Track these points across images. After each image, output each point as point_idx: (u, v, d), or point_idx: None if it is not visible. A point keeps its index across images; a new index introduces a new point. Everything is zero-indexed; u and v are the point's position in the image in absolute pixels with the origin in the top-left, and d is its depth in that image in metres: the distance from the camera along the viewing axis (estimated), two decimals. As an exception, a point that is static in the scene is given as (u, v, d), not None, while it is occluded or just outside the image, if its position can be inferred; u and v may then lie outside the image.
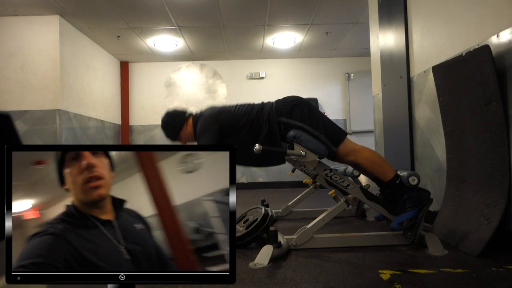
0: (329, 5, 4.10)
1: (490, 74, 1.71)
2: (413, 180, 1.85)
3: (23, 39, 4.15)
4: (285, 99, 2.06)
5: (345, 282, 1.41)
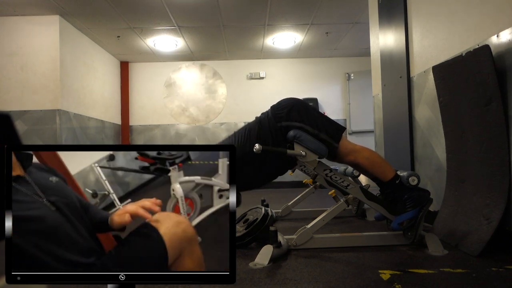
0: (329, 5, 4.10)
1: (490, 74, 1.71)
2: (413, 180, 1.85)
3: (23, 39, 4.15)
4: (279, 104, 2.03)
5: (345, 282, 1.41)
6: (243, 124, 2.19)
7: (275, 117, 1.98)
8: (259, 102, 5.97)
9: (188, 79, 6.19)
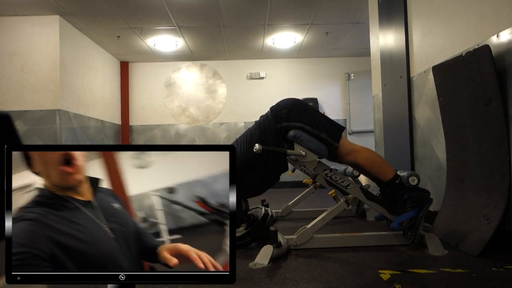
0: (329, 5, 4.10)
1: (490, 74, 1.71)
2: (413, 180, 1.85)
3: (23, 39, 4.15)
4: (278, 105, 2.03)
5: (345, 282, 1.41)
6: (243, 124, 2.19)
7: (275, 118, 1.98)
8: (259, 102, 5.96)
9: (188, 79, 6.19)
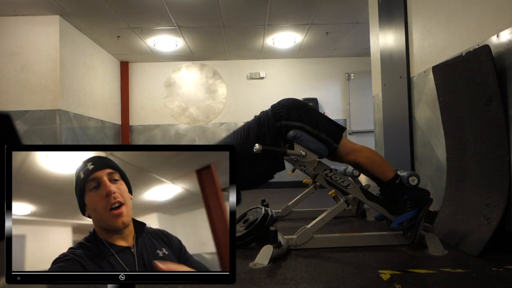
0: (329, 5, 4.10)
1: (490, 74, 1.71)
2: (413, 180, 1.85)
3: (23, 39, 4.15)
4: (279, 103, 2.03)
5: (345, 282, 1.41)
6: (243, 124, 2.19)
7: (274, 116, 1.98)
8: (259, 102, 5.96)
9: (188, 79, 6.19)
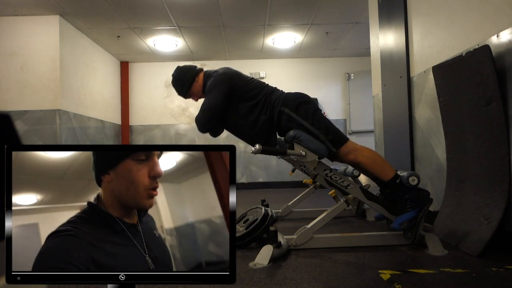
0: (329, 5, 4.10)
1: (490, 74, 1.71)
2: (413, 180, 1.85)
3: (23, 39, 4.15)
4: (295, 94, 2.07)
5: (345, 282, 1.41)
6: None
7: (284, 101, 2.01)
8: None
9: (188, 79, 6.18)
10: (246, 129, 2.07)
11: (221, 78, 2.07)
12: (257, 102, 2.04)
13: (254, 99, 2.05)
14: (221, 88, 2.03)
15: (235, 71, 2.15)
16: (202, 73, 2.21)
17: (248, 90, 2.06)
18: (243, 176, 5.98)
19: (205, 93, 2.12)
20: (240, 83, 2.07)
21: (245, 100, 2.05)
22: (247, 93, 2.05)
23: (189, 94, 2.23)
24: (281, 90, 2.14)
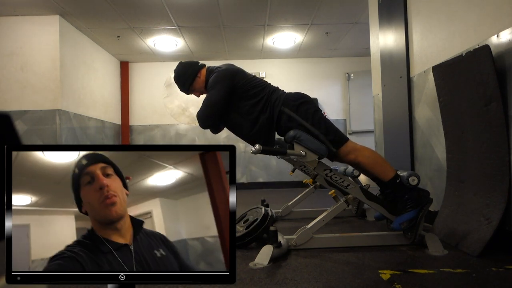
0: (329, 5, 4.10)
1: (490, 74, 1.71)
2: (413, 180, 1.85)
3: (23, 39, 4.15)
4: (296, 94, 2.07)
5: (345, 282, 1.41)
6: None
7: (284, 100, 2.01)
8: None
9: (188, 79, 6.18)
10: (246, 127, 2.07)
11: (224, 74, 2.06)
12: (258, 101, 2.04)
13: (255, 97, 2.04)
14: (223, 85, 2.03)
15: (238, 68, 2.15)
16: (204, 69, 2.21)
17: (250, 88, 2.05)
18: (243, 176, 5.98)
19: (207, 89, 2.12)
20: (242, 80, 2.07)
21: (246, 98, 2.05)
22: (249, 91, 2.05)
23: (191, 89, 2.23)
24: (282, 90, 2.14)
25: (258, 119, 2.02)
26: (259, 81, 2.12)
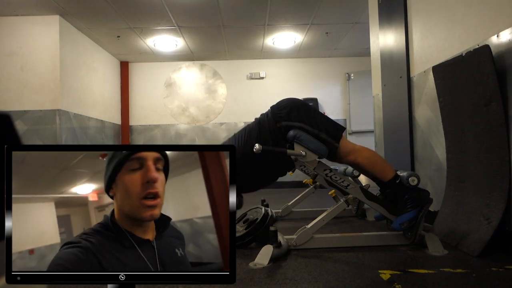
0: (329, 5, 4.10)
1: (490, 74, 1.71)
2: (413, 181, 1.85)
3: (23, 39, 4.15)
4: (279, 104, 2.03)
5: (345, 282, 1.40)
6: (243, 124, 2.20)
7: (274, 117, 1.97)
8: (259, 102, 5.96)
9: (188, 79, 6.19)
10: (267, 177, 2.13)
11: None
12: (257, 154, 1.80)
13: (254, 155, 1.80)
14: None
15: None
16: None
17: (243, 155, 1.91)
18: (243, 176, 5.97)
19: None
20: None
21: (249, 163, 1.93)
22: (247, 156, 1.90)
23: None
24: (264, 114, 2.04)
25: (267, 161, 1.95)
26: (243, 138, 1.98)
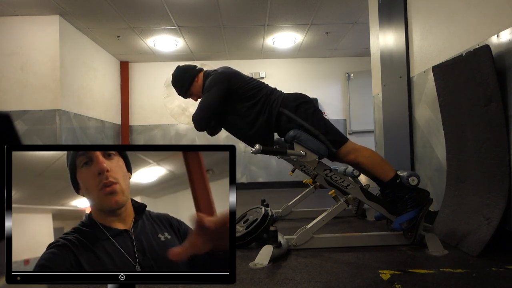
0: (329, 5, 4.10)
1: (490, 74, 1.71)
2: (413, 181, 1.85)
3: (23, 39, 4.15)
4: (294, 94, 2.07)
5: (345, 282, 1.41)
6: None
7: (283, 102, 2.01)
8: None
9: (188, 79, 6.18)
10: (244, 129, 2.07)
11: (219, 77, 2.07)
12: (255, 102, 2.04)
13: (252, 99, 2.04)
14: (219, 87, 2.03)
15: (234, 70, 2.15)
16: (202, 73, 2.21)
17: (247, 90, 2.05)
18: (243, 176, 5.98)
19: (203, 92, 2.13)
20: (239, 82, 2.06)
21: (243, 100, 2.05)
22: (245, 93, 2.05)
23: (188, 94, 2.23)
24: (280, 91, 2.14)
25: (256, 120, 2.02)
26: (256, 82, 2.12)
